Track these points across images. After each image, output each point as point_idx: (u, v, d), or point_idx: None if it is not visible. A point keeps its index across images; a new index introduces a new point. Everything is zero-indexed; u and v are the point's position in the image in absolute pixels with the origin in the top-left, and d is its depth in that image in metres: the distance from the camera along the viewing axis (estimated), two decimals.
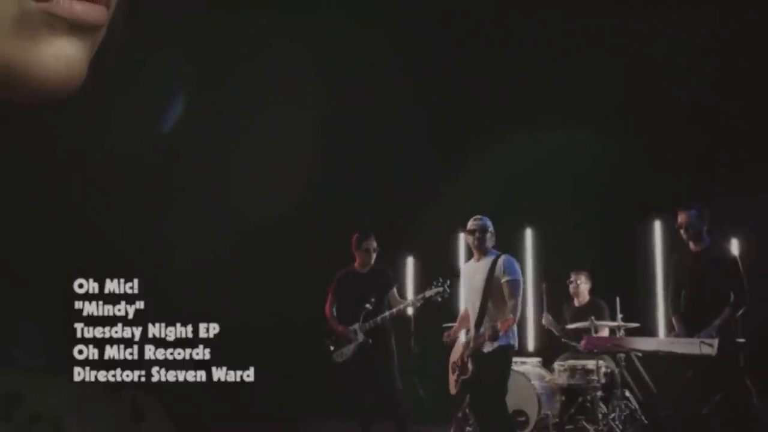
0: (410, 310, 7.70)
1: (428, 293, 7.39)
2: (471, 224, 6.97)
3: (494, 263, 6.84)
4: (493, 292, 6.81)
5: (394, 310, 7.35)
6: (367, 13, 7.40)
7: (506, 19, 7.88)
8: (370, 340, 7.32)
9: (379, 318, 7.30)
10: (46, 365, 0.60)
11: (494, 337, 6.65)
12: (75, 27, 0.56)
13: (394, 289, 7.58)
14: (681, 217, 6.80)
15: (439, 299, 7.41)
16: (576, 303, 8.42)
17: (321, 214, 8.98)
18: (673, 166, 8.23)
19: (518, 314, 6.84)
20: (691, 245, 6.78)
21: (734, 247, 8.00)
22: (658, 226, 9.18)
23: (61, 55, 0.56)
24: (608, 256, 8.60)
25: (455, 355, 7.26)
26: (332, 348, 7.45)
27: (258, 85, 7.81)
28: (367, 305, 7.30)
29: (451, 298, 7.63)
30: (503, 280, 6.77)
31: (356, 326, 7.35)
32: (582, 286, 8.40)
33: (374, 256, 7.46)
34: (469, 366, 6.94)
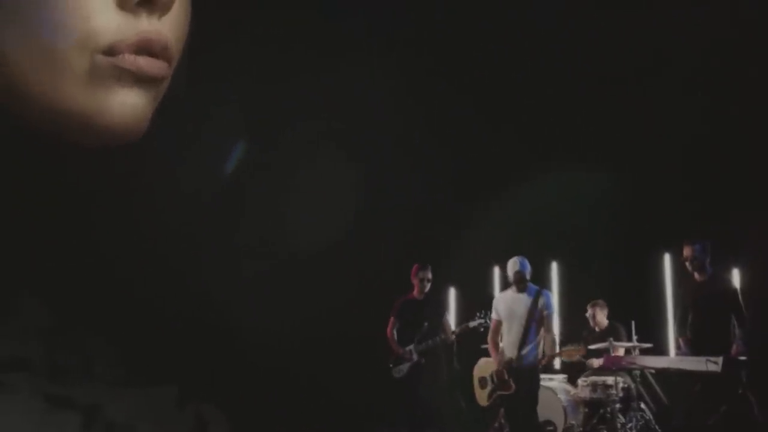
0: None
1: (472, 324, 7.50)
2: (513, 276, 7.11)
3: (537, 296, 6.97)
4: (535, 321, 6.92)
5: (444, 336, 7.39)
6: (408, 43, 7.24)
7: (526, 69, 7.74)
8: (423, 360, 7.35)
9: (430, 341, 7.33)
10: (121, 378, 0.59)
11: (549, 362, 6.92)
12: (140, 79, 0.55)
13: (447, 316, 7.64)
14: (686, 251, 6.73)
15: (482, 329, 7.48)
16: (597, 329, 8.34)
17: (368, 244, 8.92)
18: (680, 205, 8.15)
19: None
20: (696, 275, 6.70)
21: (735, 276, 7.88)
22: (667, 259, 9.07)
23: (128, 104, 0.55)
24: (624, 285, 8.51)
25: (484, 372, 7.32)
26: (391, 365, 7.50)
27: (307, 125, 7.73)
28: (423, 329, 7.35)
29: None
30: (545, 313, 6.93)
31: (411, 347, 7.38)
32: (599, 316, 8.37)
33: (428, 285, 7.51)
34: (512, 383, 6.99)
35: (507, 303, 7.19)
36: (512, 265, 7.13)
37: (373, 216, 8.65)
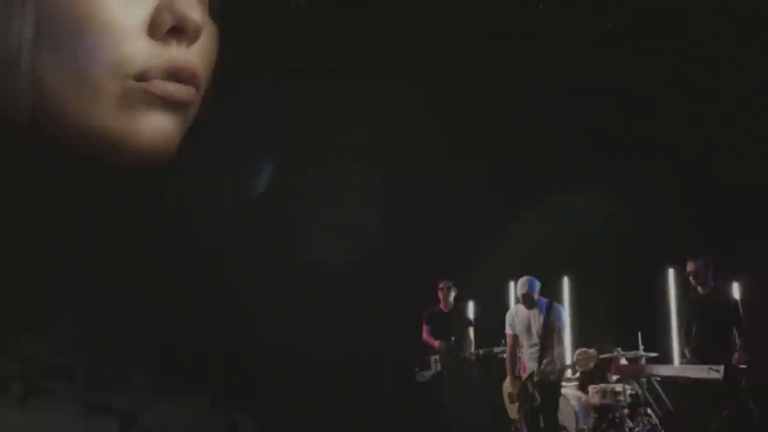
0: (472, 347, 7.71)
1: (496, 350, 7.53)
2: (521, 298, 7.07)
3: (549, 309, 6.91)
4: (550, 333, 6.87)
5: (469, 353, 7.40)
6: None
7: (537, 88, 7.62)
8: (445, 372, 7.34)
9: (454, 356, 7.32)
10: (157, 386, 0.59)
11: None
12: (169, 104, 0.55)
13: (471, 330, 7.63)
14: (690, 266, 6.71)
15: (504, 356, 7.49)
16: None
17: (385, 259, 8.85)
18: (684, 223, 8.07)
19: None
20: (699, 289, 6.67)
21: (735, 289, 7.80)
22: (671, 274, 9.01)
23: (158, 127, 0.55)
24: (632, 298, 8.45)
25: (511, 388, 7.25)
26: (417, 369, 7.49)
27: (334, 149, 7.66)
28: (450, 343, 7.35)
29: None
30: (556, 324, 6.88)
31: (436, 358, 7.37)
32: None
33: (450, 294, 7.50)
34: (536, 396, 6.95)
35: (522, 318, 7.14)
36: (521, 286, 7.07)
37: (388, 232, 8.58)
